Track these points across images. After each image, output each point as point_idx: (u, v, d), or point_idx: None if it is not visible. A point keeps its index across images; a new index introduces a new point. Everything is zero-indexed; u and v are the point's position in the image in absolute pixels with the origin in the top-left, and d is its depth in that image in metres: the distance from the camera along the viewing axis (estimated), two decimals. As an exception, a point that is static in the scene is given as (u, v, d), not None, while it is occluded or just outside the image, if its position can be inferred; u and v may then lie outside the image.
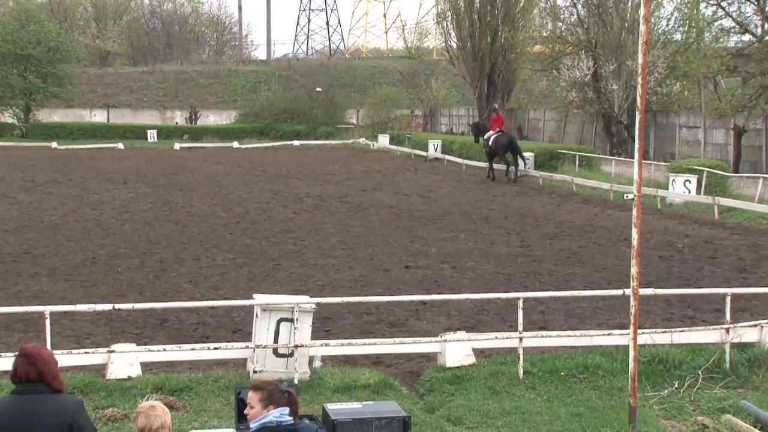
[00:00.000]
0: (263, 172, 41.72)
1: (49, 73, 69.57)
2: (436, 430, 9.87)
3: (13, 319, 13.35)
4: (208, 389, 10.89)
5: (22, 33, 68.61)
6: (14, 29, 69.30)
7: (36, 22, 72.10)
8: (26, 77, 68.42)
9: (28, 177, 37.62)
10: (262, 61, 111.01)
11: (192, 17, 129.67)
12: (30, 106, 70.66)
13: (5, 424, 5.76)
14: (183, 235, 22.64)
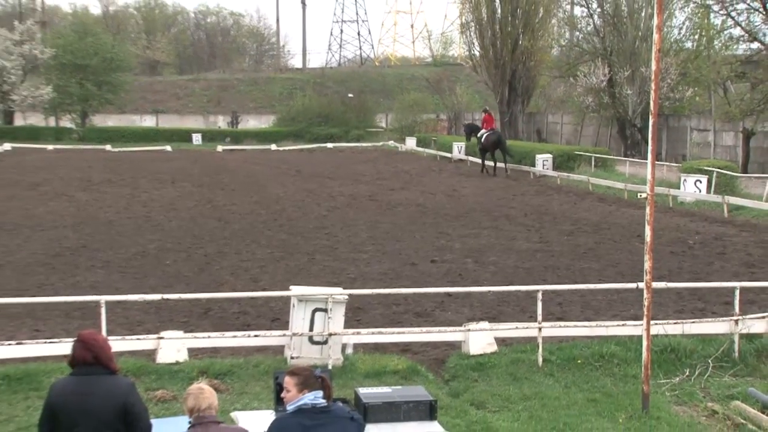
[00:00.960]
0: (299, 172, 41.79)
1: (104, 81, 70.05)
2: (461, 414, 9.87)
3: (72, 307, 13.47)
4: (249, 374, 10.95)
5: (81, 45, 69.15)
6: (73, 41, 69.87)
7: (93, 35, 72.65)
8: (84, 85, 68.97)
9: (85, 177, 37.87)
10: (298, 69, 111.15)
11: (234, 29, 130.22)
12: (86, 112, 71.20)
13: (65, 403, 5.82)
14: (225, 231, 22.73)
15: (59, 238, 21.35)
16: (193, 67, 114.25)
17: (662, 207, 27.21)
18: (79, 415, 5.77)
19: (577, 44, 51.88)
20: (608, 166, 40.77)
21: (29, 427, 9.28)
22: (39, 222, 23.91)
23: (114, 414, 5.78)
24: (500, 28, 54.74)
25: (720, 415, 9.94)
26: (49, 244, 20.38)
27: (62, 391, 5.91)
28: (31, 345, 11.22)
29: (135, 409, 5.86)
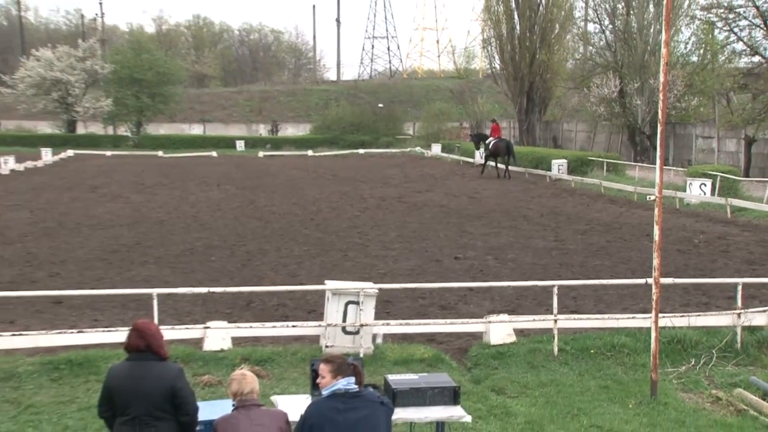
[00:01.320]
0: (333, 176, 41.87)
1: (157, 93, 70.71)
2: (482, 399, 9.85)
3: (127, 299, 13.55)
4: (287, 361, 10.98)
5: (137, 61, 69.85)
6: (130, 57, 70.62)
7: (147, 51, 73.35)
8: (139, 97, 69.69)
9: (139, 181, 38.17)
10: (332, 81, 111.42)
11: (274, 45, 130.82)
12: (141, 121, 71.90)
13: (119, 386, 5.92)
14: (266, 230, 22.79)
15: (116, 236, 21.51)
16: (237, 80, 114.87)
17: (669, 208, 27.01)
18: (131, 397, 5.84)
19: (590, 58, 51.82)
20: (619, 170, 40.56)
21: (89, 408, 9.36)
22: (98, 221, 24.10)
23: (163, 396, 5.83)
24: (519, 43, 54.72)
25: (723, 402, 9.90)
26: (106, 242, 20.54)
27: (118, 375, 6.00)
28: (90, 333, 11.32)
29: (182, 393, 5.90)
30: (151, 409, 5.81)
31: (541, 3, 54.12)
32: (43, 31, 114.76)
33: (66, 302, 13.85)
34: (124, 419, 5.89)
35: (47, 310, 13.52)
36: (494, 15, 56.37)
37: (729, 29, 38.66)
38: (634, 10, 46.19)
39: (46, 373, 10.48)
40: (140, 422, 5.83)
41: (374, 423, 5.84)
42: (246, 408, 5.84)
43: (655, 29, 44.62)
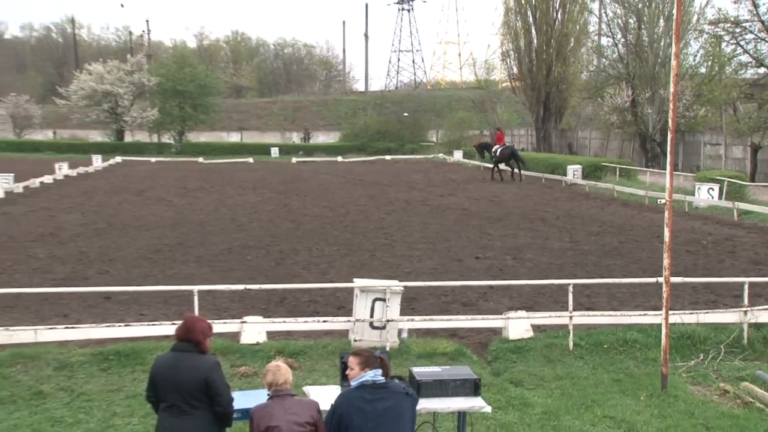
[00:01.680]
0: (361, 180, 41.92)
1: (199, 104, 71.15)
2: (501, 390, 9.83)
3: (170, 295, 13.64)
4: (318, 354, 11.00)
5: (180, 74, 70.33)
6: (174, 71, 71.12)
7: (190, 65, 73.84)
8: (182, 108, 70.19)
9: (181, 185, 38.43)
10: (361, 92, 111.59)
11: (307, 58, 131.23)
12: (183, 130, 72.35)
13: (161, 375, 5.97)
14: (298, 231, 22.85)
15: (160, 236, 21.65)
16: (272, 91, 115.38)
17: (679, 212, 26.79)
18: (170, 386, 5.90)
19: (603, 69, 51.55)
20: (631, 175, 40.41)
21: (135, 396, 9.45)
22: (143, 223, 24.28)
23: (197, 387, 5.86)
24: (536, 56, 54.59)
25: (731, 395, 9.83)
26: (151, 242, 20.67)
27: (161, 364, 6.06)
28: (137, 326, 11.41)
29: (215, 385, 5.92)
30: (187, 398, 5.86)
31: (557, 18, 53.93)
32: (95, 47, 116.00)
33: (114, 298, 13.97)
34: (165, 405, 5.96)
35: (97, 305, 13.65)
36: (513, 30, 56.27)
37: (736, 42, 38.38)
38: (645, 25, 45.96)
39: (96, 364, 10.58)
40: (178, 409, 5.88)
41: (400, 412, 5.84)
42: (280, 397, 5.85)
43: (665, 43, 44.46)
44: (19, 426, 8.73)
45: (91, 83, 69.59)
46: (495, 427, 8.70)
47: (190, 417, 5.86)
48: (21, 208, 28.12)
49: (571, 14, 53.68)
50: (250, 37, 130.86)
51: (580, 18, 54.02)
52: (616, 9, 48.09)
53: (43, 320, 12.31)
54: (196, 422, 5.86)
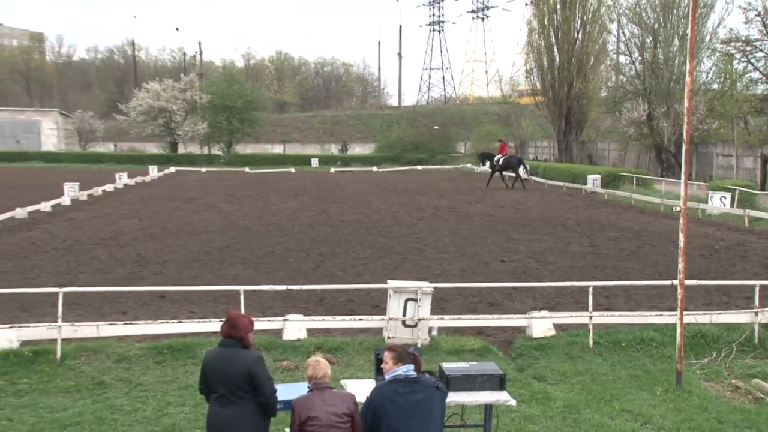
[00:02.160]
0: (394, 189, 41.93)
1: (245, 118, 71.76)
2: (525, 385, 9.78)
3: (218, 294, 13.73)
4: (355, 349, 11.01)
5: (229, 91, 71.03)
6: (223, 88, 71.88)
7: (237, 83, 74.59)
8: (230, 122, 70.88)
9: (229, 193, 38.73)
10: (394, 106, 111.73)
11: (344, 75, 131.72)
12: (231, 142, 72.98)
13: (210, 368, 6.03)
14: (336, 235, 22.89)
15: (209, 240, 21.80)
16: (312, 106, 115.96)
17: (693, 218, 26.42)
18: (218, 378, 5.95)
19: (621, 86, 51.22)
20: (647, 184, 40.03)
21: (187, 387, 9.53)
22: (194, 228, 24.47)
23: (242, 379, 5.89)
24: (558, 74, 54.31)
25: (742, 390, 9.70)
26: (201, 245, 20.82)
27: (210, 358, 6.12)
28: (188, 323, 11.50)
29: (258, 377, 5.94)
30: (233, 389, 5.90)
31: (578, 38, 53.60)
32: (152, 67, 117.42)
33: (168, 297, 14.10)
34: (214, 396, 6.02)
35: (153, 303, 13.78)
36: (536, 49, 56.02)
37: (747, 60, 38.00)
38: (660, 44, 45.57)
39: (151, 357, 10.69)
40: (226, 400, 5.93)
41: (430, 405, 5.83)
42: (320, 390, 5.86)
43: (680, 60, 44.15)
44: (83, 413, 8.85)
45: (148, 100, 70.54)
46: (519, 420, 8.64)
47: (237, 407, 5.90)
48: (85, 214, 28.51)
49: (591, 34, 53.34)
50: (292, 57, 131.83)
51: (599, 38, 53.66)
52: (633, 29, 47.81)
53: (104, 317, 12.46)
54: (242, 412, 5.90)
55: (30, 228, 24.40)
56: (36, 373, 10.14)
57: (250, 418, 5.93)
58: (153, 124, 71.44)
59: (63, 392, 9.57)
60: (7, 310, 13.00)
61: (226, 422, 5.88)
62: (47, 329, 10.90)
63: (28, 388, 9.68)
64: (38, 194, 32.96)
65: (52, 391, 9.61)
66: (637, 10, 46.75)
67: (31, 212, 27.71)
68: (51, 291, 11.45)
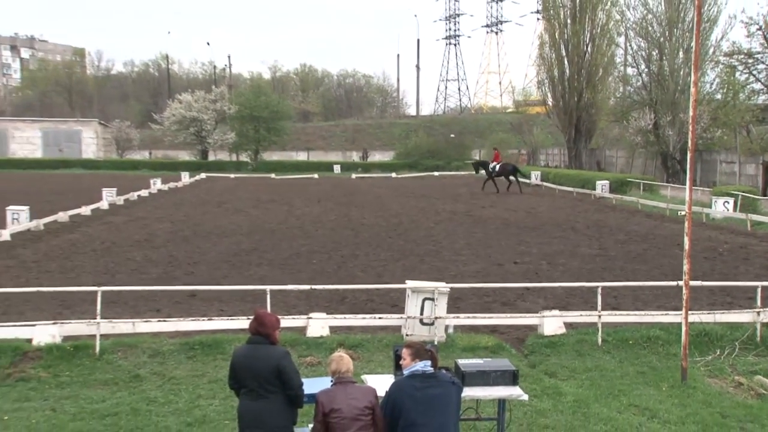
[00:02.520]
0: (412, 194, 41.91)
1: (272, 127, 71.92)
2: (537, 380, 9.75)
3: (246, 293, 13.77)
4: (374, 346, 11.02)
5: (256, 102, 71.27)
6: (251, 99, 72.16)
7: (264, 94, 74.85)
8: (257, 131, 71.11)
9: (256, 197, 38.90)
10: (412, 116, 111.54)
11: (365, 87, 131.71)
12: (258, 150, 73.20)
13: (239, 363, 6.05)
14: (357, 238, 22.92)
15: (237, 242, 21.91)
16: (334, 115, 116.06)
17: (697, 222, 26.20)
18: (248, 373, 5.97)
19: (629, 96, 50.97)
20: (653, 190, 39.76)
21: (217, 381, 9.58)
22: (223, 230, 24.59)
23: (271, 374, 5.92)
24: (568, 84, 54.07)
25: (745, 387, 9.63)
26: (230, 247, 20.93)
27: (239, 354, 6.14)
28: (218, 321, 11.57)
29: (286, 371, 5.97)
30: (262, 384, 5.93)
31: (587, 51, 53.36)
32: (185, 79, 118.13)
33: (199, 296, 14.18)
34: (245, 391, 6.05)
35: (184, 302, 13.88)
36: (547, 61, 55.81)
37: (748, 72, 37.69)
38: (666, 56, 45.33)
39: (183, 352, 10.76)
40: (256, 394, 5.95)
41: (447, 399, 5.83)
42: (343, 384, 5.87)
43: (685, 72, 43.85)
44: (120, 404, 8.93)
45: (180, 111, 71.02)
46: (531, 414, 8.62)
47: (267, 400, 5.93)
48: (121, 218, 28.76)
49: (599, 47, 53.10)
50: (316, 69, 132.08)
51: (608, 50, 53.42)
52: (640, 42, 47.57)
53: (140, 314, 12.57)
54: (271, 405, 5.93)
55: (71, 231, 24.65)
56: (77, 366, 10.25)
57: (280, 410, 5.97)
58: (185, 133, 71.89)
59: (101, 384, 9.66)
60: (50, 307, 13.16)
61: (257, 414, 5.92)
62: (87, 325, 11.02)
63: (69, 381, 9.79)
64: (79, 199, 33.28)
65: (91, 383, 9.70)
66: (643, 25, 46.57)
67: (73, 216, 28.00)
68: (90, 290, 11.57)
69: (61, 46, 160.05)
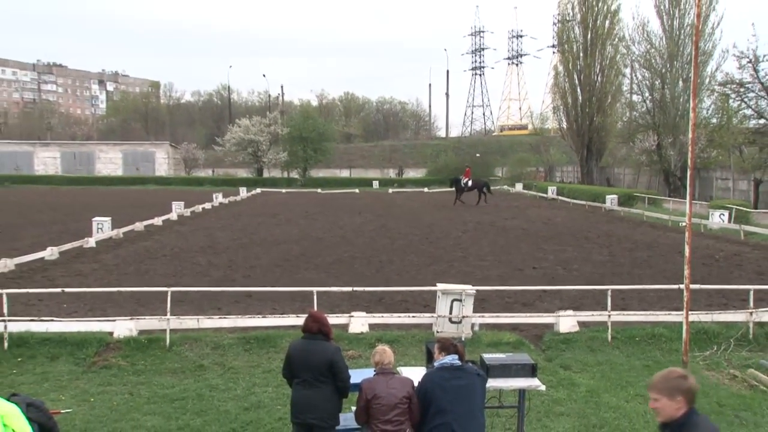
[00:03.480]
0: (443, 206, 41.77)
1: (318, 148, 72.29)
2: (553, 373, 9.65)
3: (295, 294, 13.79)
4: (409, 342, 11.00)
5: (304, 125, 71.75)
6: (300, 123, 72.65)
7: (312, 119, 75.34)
8: (306, 151, 71.48)
9: (304, 210, 39.11)
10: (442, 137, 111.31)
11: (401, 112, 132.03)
12: (306, 167, 73.64)
13: (296, 357, 6.06)
14: (393, 246, 22.90)
15: (288, 249, 22.01)
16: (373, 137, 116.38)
17: (696, 232, 25.70)
18: (303, 365, 5.99)
19: (634, 120, 50.62)
20: (657, 203, 39.22)
21: (270, 371, 9.65)
22: (276, 239, 24.74)
23: (325, 367, 5.95)
24: (581, 110, 53.74)
25: (739, 379, 9.49)
26: (281, 253, 21.03)
27: (295, 348, 6.14)
28: (270, 318, 11.66)
29: (337, 365, 6.00)
30: (317, 375, 5.95)
31: (598, 80, 53.06)
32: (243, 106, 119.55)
33: (255, 296, 14.28)
34: (298, 381, 6.05)
35: (242, 301, 13.98)
36: (562, 89, 55.50)
37: (740, 99, 37.55)
38: (667, 85, 45.06)
39: (241, 345, 10.84)
40: (309, 384, 5.98)
41: (473, 389, 5.79)
42: (384, 374, 5.86)
43: (684, 99, 43.80)
44: (187, 390, 9.04)
45: (240, 133, 71.84)
46: (548, 402, 8.53)
47: (319, 389, 5.96)
48: (188, 227, 29.13)
49: (608, 77, 52.76)
50: (358, 97, 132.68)
51: (615, 80, 53.08)
52: (644, 73, 47.47)
53: (203, 312, 12.70)
54: (323, 393, 5.96)
55: (145, 239, 25.04)
56: (150, 356, 10.40)
57: (330, 397, 6.00)
58: (243, 153, 72.67)
59: (171, 373, 9.79)
60: (128, 305, 13.38)
61: (311, 401, 5.94)
62: (159, 321, 11.18)
63: (144, 369, 9.94)
64: (152, 211, 33.83)
65: (162, 371, 9.84)
66: (647, 57, 46.46)
67: (147, 226, 28.44)
68: (161, 290, 11.72)
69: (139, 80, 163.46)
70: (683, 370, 3.92)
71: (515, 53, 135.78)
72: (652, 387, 3.88)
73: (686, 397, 3.76)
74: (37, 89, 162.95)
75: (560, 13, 56.76)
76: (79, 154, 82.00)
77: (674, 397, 3.76)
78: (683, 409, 3.76)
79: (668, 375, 3.87)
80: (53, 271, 17.74)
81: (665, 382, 3.83)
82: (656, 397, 3.83)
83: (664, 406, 3.78)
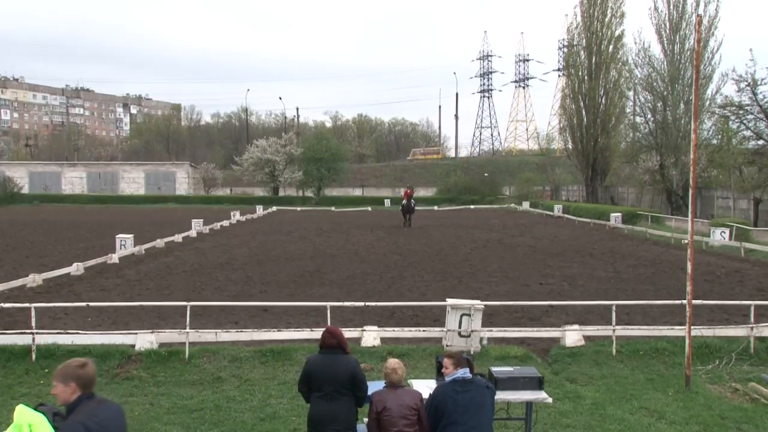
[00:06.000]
0: (452, 224, 41.74)
1: (332, 168, 72.54)
2: (560, 386, 9.58)
3: (310, 309, 13.82)
4: (419, 355, 10.95)
5: (318, 146, 72.12)
6: (315, 144, 73.08)
7: (326, 139, 75.78)
8: (320, 170, 71.75)
9: (318, 227, 39.18)
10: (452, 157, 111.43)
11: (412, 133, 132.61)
12: (320, 186, 73.87)
13: (316, 371, 5.99)
14: (404, 262, 22.88)
15: (302, 265, 22.00)
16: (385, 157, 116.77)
17: (698, 249, 25.51)
18: (325, 379, 5.94)
19: (637, 141, 50.59)
20: (660, 221, 38.90)
21: (285, 383, 9.65)
22: (291, 255, 24.77)
23: (346, 379, 5.92)
24: (586, 131, 53.81)
25: (741, 392, 9.38)
26: (296, 269, 21.02)
27: (315, 363, 6.07)
28: (286, 332, 11.65)
29: (358, 377, 5.98)
30: (339, 388, 5.91)
31: (602, 102, 53.17)
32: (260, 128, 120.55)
33: (271, 310, 14.29)
34: (319, 394, 5.97)
35: (258, 315, 13.99)
36: (568, 110, 55.59)
37: (740, 121, 37.61)
38: (669, 108, 45.04)
39: (257, 358, 10.84)
40: (331, 397, 5.92)
41: (482, 401, 5.79)
42: (394, 387, 5.87)
43: (685, 121, 43.84)
44: (205, 401, 9.05)
45: (257, 154, 72.26)
46: (555, 414, 8.47)
47: (340, 401, 5.92)
48: (207, 244, 29.24)
49: (612, 99, 52.85)
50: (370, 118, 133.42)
51: (619, 102, 53.15)
52: (646, 95, 47.52)
53: (221, 325, 12.71)
54: (343, 405, 5.93)
55: (166, 255, 25.17)
56: (170, 368, 10.43)
57: (349, 409, 5.97)
58: (260, 173, 73.02)
59: (190, 384, 9.81)
60: (149, 318, 13.44)
61: (333, 414, 5.89)
62: (178, 334, 11.21)
63: (164, 380, 9.97)
64: (173, 228, 34.03)
65: (181, 383, 9.86)
66: (649, 81, 46.56)
67: (167, 242, 28.60)
68: (181, 304, 11.74)
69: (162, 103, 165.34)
70: (84, 360, 4.38)
71: (522, 76, 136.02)
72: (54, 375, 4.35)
73: (78, 383, 4.23)
74: (66, 112, 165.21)
75: (567, 38, 57.06)
76: (104, 174, 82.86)
77: (68, 384, 4.23)
78: (76, 393, 4.22)
79: (68, 364, 4.33)
80: (78, 285, 17.87)
81: (64, 369, 4.28)
82: (54, 384, 4.28)
83: (59, 392, 4.25)
